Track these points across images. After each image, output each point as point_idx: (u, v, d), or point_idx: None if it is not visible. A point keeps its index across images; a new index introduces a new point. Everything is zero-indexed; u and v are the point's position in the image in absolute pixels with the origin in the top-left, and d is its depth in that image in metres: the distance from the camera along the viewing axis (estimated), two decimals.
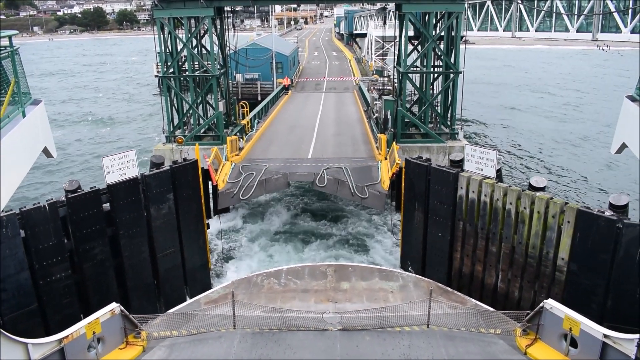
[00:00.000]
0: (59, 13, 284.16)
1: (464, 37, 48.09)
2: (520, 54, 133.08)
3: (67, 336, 12.50)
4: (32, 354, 11.74)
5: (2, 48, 10.04)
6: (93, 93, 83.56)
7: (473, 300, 16.93)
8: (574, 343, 12.83)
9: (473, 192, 17.83)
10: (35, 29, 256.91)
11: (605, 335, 12.05)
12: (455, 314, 14.80)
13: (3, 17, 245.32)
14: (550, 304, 13.31)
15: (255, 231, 25.83)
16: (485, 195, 17.48)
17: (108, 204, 18.47)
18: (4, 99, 9.59)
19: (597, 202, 30.76)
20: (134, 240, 19.10)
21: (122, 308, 13.71)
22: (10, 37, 10.25)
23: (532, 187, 17.19)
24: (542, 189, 17.28)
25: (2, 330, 10.97)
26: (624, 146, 12.69)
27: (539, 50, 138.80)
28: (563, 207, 15.50)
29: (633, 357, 11.60)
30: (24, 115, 10.34)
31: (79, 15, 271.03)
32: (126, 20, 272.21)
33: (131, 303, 19.51)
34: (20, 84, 10.44)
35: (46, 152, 11.81)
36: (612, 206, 15.69)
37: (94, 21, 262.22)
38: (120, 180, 18.31)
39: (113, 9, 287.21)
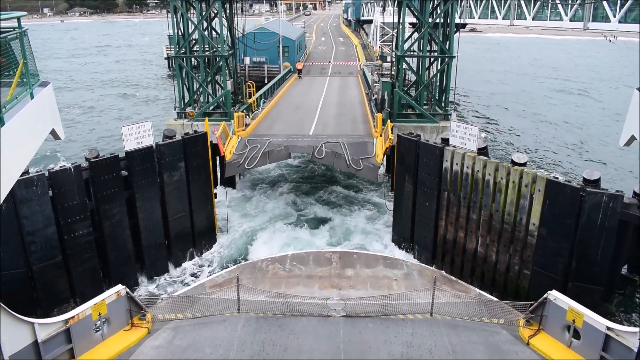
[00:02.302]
0: None
1: (466, 25, 49.56)
2: (529, 43, 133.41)
3: (73, 317, 12.59)
4: (39, 333, 11.78)
5: (10, 29, 9.97)
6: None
7: (477, 289, 17.59)
8: (576, 335, 12.93)
9: (457, 164, 19.57)
10: (45, 10, 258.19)
11: (608, 328, 12.00)
12: (458, 303, 14.93)
13: None
14: (555, 295, 13.30)
15: (259, 201, 27.77)
16: (467, 167, 19.22)
17: (125, 171, 20.37)
18: (12, 81, 9.44)
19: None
20: (148, 203, 20.99)
21: (128, 290, 13.95)
22: (19, 18, 10.05)
23: (513, 163, 18.91)
24: (523, 164, 18.97)
25: (9, 310, 10.83)
26: (633, 138, 12.59)
27: (546, 40, 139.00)
28: (535, 177, 17.25)
29: (635, 349, 11.52)
30: (32, 97, 10.22)
31: None
32: (135, 3, 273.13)
33: (145, 261, 21.52)
34: (29, 66, 10.27)
35: (54, 133, 11.60)
36: (585, 180, 17.41)
37: (103, 3, 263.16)
38: (137, 148, 20.17)
39: None
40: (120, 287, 13.78)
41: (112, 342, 13.42)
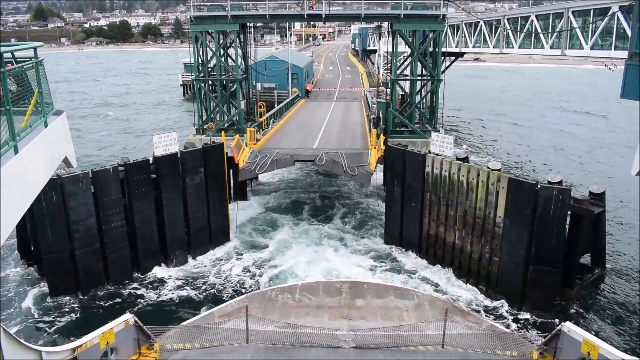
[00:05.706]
0: (85, 25, 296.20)
1: (464, 53, 53.24)
2: (531, 71, 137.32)
3: (81, 345, 12.42)
4: None
5: (26, 59, 10.19)
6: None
7: (489, 321, 17.50)
8: None
9: (437, 168, 22.86)
10: (63, 40, 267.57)
11: None
12: (470, 334, 14.55)
13: (35, 28, 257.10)
14: (568, 327, 12.90)
15: (265, 207, 31.24)
16: (445, 171, 22.50)
17: (154, 174, 23.77)
18: (27, 109, 9.57)
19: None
20: (173, 202, 24.37)
21: (137, 319, 13.72)
22: (35, 49, 10.25)
23: (489, 169, 22.13)
24: (498, 170, 22.21)
25: (16, 337, 10.67)
26: None
27: (547, 69, 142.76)
28: (499, 176, 20.49)
29: None
30: (46, 126, 10.36)
31: (105, 28, 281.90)
32: (150, 34, 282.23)
33: (169, 253, 24.78)
34: (43, 94, 10.43)
35: (66, 161, 11.75)
36: (550, 183, 20.57)
37: (119, 34, 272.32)
38: (165, 154, 23.67)
39: (138, 23, 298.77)
40: (128, 316, 13.59)
41: None
